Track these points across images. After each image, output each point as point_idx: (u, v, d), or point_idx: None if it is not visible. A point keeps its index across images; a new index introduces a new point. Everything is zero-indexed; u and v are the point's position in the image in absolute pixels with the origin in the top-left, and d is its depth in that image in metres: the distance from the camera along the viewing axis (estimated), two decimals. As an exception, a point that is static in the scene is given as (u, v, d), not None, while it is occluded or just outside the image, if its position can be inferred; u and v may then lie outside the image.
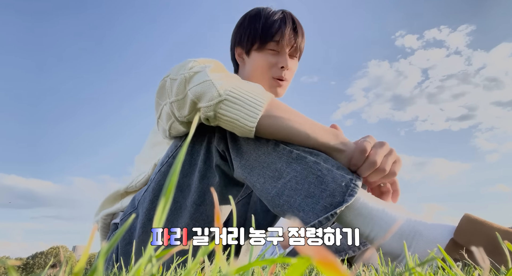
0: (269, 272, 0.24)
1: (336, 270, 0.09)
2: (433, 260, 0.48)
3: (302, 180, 0.61)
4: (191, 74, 0.65)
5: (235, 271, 0.14)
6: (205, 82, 0.63)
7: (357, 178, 0.60)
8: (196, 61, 0.68)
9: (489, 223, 0.56)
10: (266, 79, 0.97)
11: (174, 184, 0.14)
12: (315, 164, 0.61)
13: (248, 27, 0.97)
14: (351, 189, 0.58)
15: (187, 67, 0.67)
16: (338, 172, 0.60)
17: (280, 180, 0.63)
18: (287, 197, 0.62)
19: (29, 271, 21.06)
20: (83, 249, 0.18)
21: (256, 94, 0.63)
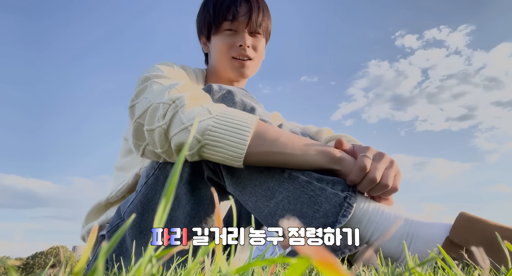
0: (269, 272, 0.24)
1: (335, 270, 0.09)
2: (433, 260, 0.48)
3: (295, 200, 0.60)
4: (167, 123, 0.62)
5: (235, 271, 0.14)
6: (182, 130, 0.61)
7: (352, 196, 0.58)
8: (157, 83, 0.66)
9: (484, 220, 0.56)
10: (227, 60, 0.95)
11: (174, 186, 0.14)
12: (307, 183, 0.60)
13: (203, 13, 0.95)
14: (345, 209, 0.57)
15: (159, 112, 0.63)
16: (332, 191, 0.59)
17: (272, 200, 0.62)
18: (280, 216, 0.61)
19: (29, 271, 21.06)
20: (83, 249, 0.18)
21: (238, 128, 0.60)
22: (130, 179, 0.88)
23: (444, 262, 0.49)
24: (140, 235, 0.74)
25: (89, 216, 0.94)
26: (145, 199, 0.75)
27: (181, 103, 0.62)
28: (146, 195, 0.75)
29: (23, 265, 23.87)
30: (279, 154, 0.60)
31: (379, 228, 0.58)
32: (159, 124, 0.62)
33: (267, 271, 0.25)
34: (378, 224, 0.58)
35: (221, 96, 0.70)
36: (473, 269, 0.41)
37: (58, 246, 24.37)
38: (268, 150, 0.60)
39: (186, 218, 0.73)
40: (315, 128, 1.01)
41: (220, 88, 0.72)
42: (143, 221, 0.75)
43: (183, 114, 0.60)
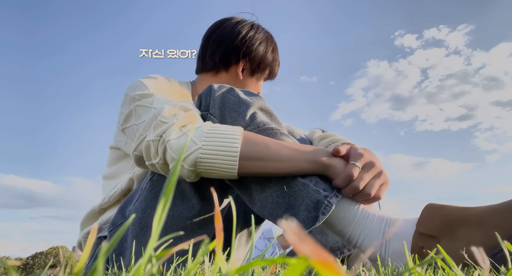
0: (269, 272, 0.24)
1: (334, 270, 0.09)
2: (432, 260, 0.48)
3: (283, 193, 0.65)
4: (162, 159, 0.66)
5: (235, 271, 0.14)
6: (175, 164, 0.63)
7: (334, 196, 0.62)
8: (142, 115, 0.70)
9: (447, 206, 0.59)
10: None
11: (174, 184, 0.15)
12: (292, 179, 0.64)
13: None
14: (324, 207, 0.61)
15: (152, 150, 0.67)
16: (314, 187, 0.63)
17: (262, 194, 0.67)
18: (270, 209, 0.66)
19: (29, 271, 21.05)
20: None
21: (226, 147, 0.63)
22: (124, 184, 0.90)
23: (444, 262, 0.49)
24: (141, 232, 0.75)
25: (84, 222, 0.96)
26: (149, 195, 0.76)
27: (167, 137, 0.65)
28: (150, 191, 0.76)
29: (23, 265, 23.86)
30: (270, 163, 0.63)
31: (365, 230, 0.62)
32: (156, 161, 0.67)
33: (267, 271, 0.25)
34: (365, 226, 0.62)
35: (222, 94, 0.72)
36: (473, 269, 0.41)
37: (58, 246, 24.37)
38: (259, 161, 0.64)
39: (191, 212, 0.74)
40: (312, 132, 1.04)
41: (220, 87, 0.74)
42: (145, 218, 0.75)
43: (171, 150, 0.64)
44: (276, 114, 0.75)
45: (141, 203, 0.77)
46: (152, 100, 0.78)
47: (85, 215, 0.96)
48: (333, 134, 0.93)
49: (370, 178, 0.63)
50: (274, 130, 0.69)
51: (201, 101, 0.74)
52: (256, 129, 0.69)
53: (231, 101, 0.71)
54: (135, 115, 0.80)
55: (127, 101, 0.84)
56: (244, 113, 0.70)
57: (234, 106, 0.71)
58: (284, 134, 0.70)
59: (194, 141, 0.63)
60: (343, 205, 0.64)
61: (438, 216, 0.58)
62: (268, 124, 0.70)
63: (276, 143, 0.65)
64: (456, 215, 0.57)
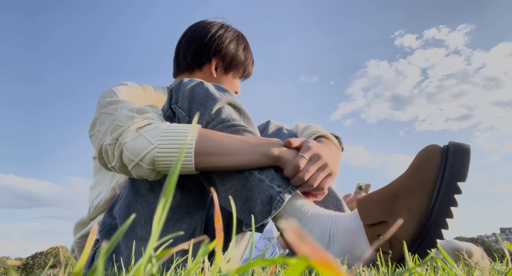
0: (269, 272, 0.24)
1: (334, 270, 0.09)
2: (433, 260, 0.48)
3: (241, 187, 0.68)
4: (119, 161, 0.69)
5: (235, 271, 0.14)
6: (135, 166, 0.67)
7: (287, 192, 0.66)
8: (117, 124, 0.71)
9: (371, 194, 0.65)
10: None
11: (174, 183, 0.15)
12: (250, 174, 0.68)
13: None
14: (277, 202, 0.65)
15: (109, 153, 0.70)
16: (268, 183, 0.67)
17: (223, 187, 0.70)
18: (228, 201, 0.70)
19: (29, 271, 21.04)
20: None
21: (181, 144, 0.66)
22: (107, 193, 0.93)
23: (444, 262, 0.49)
24: (129, 228, 0.77)
25: (76, 229, 0.99)
26: (131, 192, 0.78)
27: (123, 139, 0.68)
28: (131, 188, 0.78)
29: (23, 265, 23.86)
30: (223, 157, 0.67)
31: (314, 228, 0.66)
32: (114, 164, 0.70)
33: (267, 271, 0.25)
34: (314, 225, 0.66)
35: (191, 87, 0.74)
36: (473, 269, 0.41)
37: (58, 246, 24.36)
38: (213, 156, 0.67)
39: (172, 203, 0.76)
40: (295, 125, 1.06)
41: (190, 81, 0.76)
42: (130, 214, 0.76)
43: (128, 152, 0.67)
44: (245, 109, 0.77)
45: (124, 201, 0.79)
46: (116, 107, 0.82)
47: (75, 224, 0.99)
48: (314, 126, 0.94)
49: (315, 169, 0.68)
50: (237, 127, 0.71)
51: (172, 95, 0.76)
52: (219, 126, 0.71)
53: (200, 94, 0.73)
54: (99, 122, 0.83)
55: (97, 109, 0.88)
56: (210, 108, 0.72)
57: (202, 100, 0.73)
58: (248, 130, 0.72)
59: (150, 141, 0.66)
60: (296, 202, 0.68)
61: (374, 204, 0.63)
62: (233, 121, 0.72)
63: (231, 138, 0.68)
64: (384, 196, 0.63)
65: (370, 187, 1.32)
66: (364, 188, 1.31)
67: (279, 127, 0.92)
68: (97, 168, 1.03)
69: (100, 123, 0.83)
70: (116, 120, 0.70)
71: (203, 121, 0.72)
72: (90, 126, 0.87)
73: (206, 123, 0.72)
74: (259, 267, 0.32)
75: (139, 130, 0.68)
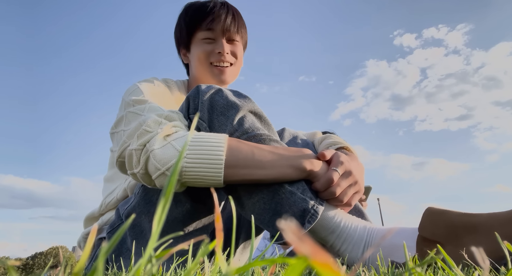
0: (269, 272, 0.24)
1: (334, 270, 0.09)
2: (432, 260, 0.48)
3: (269, 200, 0.66)
4: (144, 168, 0.66)
5: (235, 271, 0.14)
6: (160, 176, 0.64)
7: (319, 204, 0.64)
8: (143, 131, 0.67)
9: (448, 211, 0.60)
10: (207, 67, 0.98)
11: (173, 185, 0.15)
12: (280, 186, 0.65)
13: (181, 25, 1.00)
14: (311, 216, 0.63)
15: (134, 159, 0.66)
16: (301, 196, 0.64)
17: (250, 199, 0.67)
18: (258, 214, 0.67)
19: (29, 272, 21.05)
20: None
21: (210, 156, 0.62)
22: (119, 193, 0.91)
23: (444, 262, 0.49)
24: (141, 235, 0.76)
25: (85, 223, 0.98)
26: (142, 201, 0.76)
27: (151, 146, 0.65)
28: (144, 197, 0.76)
29: (23, 266, 23.86)
30: (254, 170, 0.64)
31: (348, 239, 0.64)
32: (137, 171, 0.66)
33: (267, 271, 0.25)
34: (348, 235, 0.64)
35: (210, 96, 0.71)
36: (473, 269, 0.41)
37: (58, 246, 24.36)
38: (243, 168, 0.64)
39: (186, 216, 0.74)
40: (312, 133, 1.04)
41: (208, 88, 0.73)
42: (141, 222, 0.76)
43: (155, 160, 0.64)
44: (266, 116, 0.75)
45: (134, 208, 0.77)
46: (144, 108, 0.78)
47: (86, 217, 0.97)
48: (334, 137, 0.93)
49: (346, 185, 0.67)
50: (263, 137, 0.69)
51: (189, 103, 0.73)
52: (244, 136, 0.68)
53: (220, 104, 0.70)
54: (125, 121, 0.80)
55: (122, 106, 0.85)
56: (232, 117, 0.69)
57: (223, 110, 0.70)
58: (273, 140, 0.70)
59: (178, 150, 0.63)
60: (327, 213, 0.66)
61: (441, 221, 0.58)
62: (257, 130, 0.69)
63: (261, 149, 0.65)
64: (460, 221, 0.57)
65: (370, 190, 1.30)
66: (364, 191, 1.29)
67: (294, 136, 0.91)
68: (114, 160, 1.02)
69: (127, 122, 0.79)
70: (144, 125, 0.67)
71: (226, 132, 0.69)
72: (115, 124, 0.83)
73: (230, 134, 0.68)
74: (259, 267, 0.32)
75: (167, 138, 0.65)
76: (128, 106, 0.82)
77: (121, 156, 0.71)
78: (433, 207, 0.61)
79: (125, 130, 0.79)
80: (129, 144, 0.69)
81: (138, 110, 0.78)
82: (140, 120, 0.70)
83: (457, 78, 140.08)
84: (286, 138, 0.90)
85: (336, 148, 0.85)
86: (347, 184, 0.67)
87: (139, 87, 0.87)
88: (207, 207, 0.76)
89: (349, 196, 0.67)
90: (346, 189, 0.67)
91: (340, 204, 0.67)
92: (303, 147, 0.89)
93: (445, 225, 0.58)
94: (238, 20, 0.99)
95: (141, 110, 0.77)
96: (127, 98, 0.84)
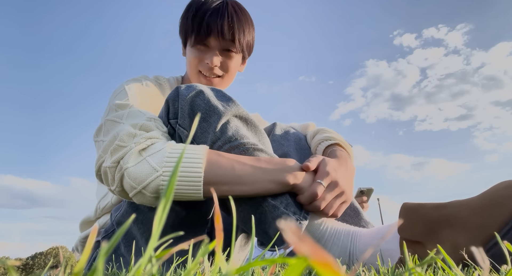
0: (269, 273, 0.24)
1: (334, 270, 0.09)
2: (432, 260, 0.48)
3: (253, 211, 0.65)
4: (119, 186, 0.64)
5: (235, 271, 0.14)
6: (136, 194, 0.62)
7: (303, 218, 0.64)
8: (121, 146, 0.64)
9: (422, 205, 0.57)
10: (195, 74, 0.93)
11: (173, 187, 0.15)
12: (263, 199, 0.64)
13: (183, 20, 0.93)
14: None
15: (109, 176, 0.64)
16: (283, 211, 0.63)
17: (236, 207, 0.67)
18: (243, 222, 0.68)
19: (29, 272, 21.05)
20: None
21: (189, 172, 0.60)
22: (114, 198, 0.89)
23: (444, 262, 0.49)
24: (133, 242, 0.75)
25: (81, 227, 0.97)
26: (130, 209, 0.74)
27: (125, 164, 0.62)
28: (131, 205, 0.74)
29: (23, 266, 23.84)
30: (235, 187, 0.62)
31: (334, 247, 0.65)
32: (114, 188, 0.65)
33: (267, 271, 0.25)
34: (333, 244, 0.65)
35: (190, 98, 0.67)
36: (473, 269, 0.41)
37: (58, 246, 24.34)
38: (223, 185, 0.62)
39: (175, 221, 0.72)
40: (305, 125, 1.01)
41: (188, 90, 0.68)
42: (132, 229, 0.75)
43: (130, 178, 0.61)
44: (253, 119, 0.71)
45: (123, 216, 0.75)
46: (123, 114, 0.74)
47: (81, 221, 0.96)
48: (328, 131, 0.90)
49: (332, 197, 0.65)
50: (246, 146, 0.65)
51: (169, 107, 0.70)
52: (227, 145, 0.65)
53: (201, 108, 0.66)
54: (104, 130, 0.75)
55: (106, 110, 0.81)
56: (214, 124, 0.65)
57: (204, 115, 0.66)
58: (258, 149, 0.66)
59: (154, 167, 0.60)
60: (314, 222, 0.65)
61: (418, 219, 0.57)
62: (241, 139, 0.66)
63: (242, 164, 0.62)
64: (435, 216, 0.55)
65: (372, 192, 1.29)
66: (366, 192, 1.28)
67: (285, 131, 0.89)
68: None
69: (105, 132, 0.75)
70: (117, 139, 0.64)
71: (208, 140, 0.65)
72: (96, 132, 0.79)
73: (211, 143, 0.65)
74: (259, 267, 0.32)
75: (142, 153, 0.62)
76: (111, 111, 0.78)
77: (98, 171, 0.69)
78: (408, 203, 0.59)
79: (103, 141, 0.74)
80: (104, 159, 0.66)
81: (117, 117, 0.74)
82: (114, 132, 0.67)
83: (457, 78, 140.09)
84: (277, 132, 0.88)
85: (328, 145, 0.84)
86: (333, 196, 0.65)
87: (125, 89, 0.82)
88: (201, 211, 0.75)
89: (335, 208, 0.66)
90: (331, 201, 0.65)
91: (326, 216, 0.67)
92: (294, 142, 0.87)
93: (422, 221, 0.56)
94: (242, 28, 0.90)
95: (120, 118, 0.73)
96: (112, 101, 0.80)
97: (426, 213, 0.56)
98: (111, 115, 0.76)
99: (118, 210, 0.79)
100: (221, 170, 0.61)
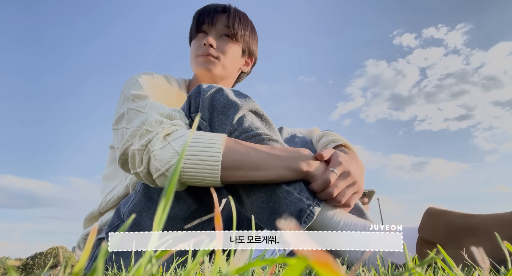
0: (269, 273, 0.24)
1: (333, 270, 0.09)
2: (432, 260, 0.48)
3: (267, 199, 0.66)
4: (146, 168, 0.67)
5: (235, 271, 0.14)
6: (160, 176, 0.66)
7: (316, 205, 0.64)
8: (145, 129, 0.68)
9: (449, 212, 0.59)
10: (194, 59, 0.99)
11: (174, 185, 0.15)
12: (277, 186, 0.65)
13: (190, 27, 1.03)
14: (307, 216, 0.63)
15: (137, 159, 0.67)
16: (297, 196, 0.64)
17: (249, 198, 0.68)
18: (256, 213, 0.68)
19: (29, 272, 21.06)
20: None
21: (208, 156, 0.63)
22: (120, 191, 0.90)
23: (444, 262, 0.49)
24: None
25: (85, 223, 0.97)
26: (143, 198, 0.76)
27: (152, 147, 0.66)
28: (144, 194, 0.76)
29: (23, 266, 23.86)
30: (250, 172, 0.64)
31: (348, 238, 0.63)
32: (140, 170, 0.68)
33: (267, 271, 0.25)
34: (347, 234, 0.63)
35: (211, 95, 0.72)
36: (473, 269, 0.41)
37: (58, 246, 24.37)
38: (239, 170, 0.64)
39: (187, 213, 0.74)
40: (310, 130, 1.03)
41: (209, 87, 0.74)
42: (142, 220, 0.75)
43: (155, 160, 0.65)
44: (267, 115, 0.75)
45: (135, 206, 0.77)
46: (145, 105, 0.78)
47: (85, 217, 0.96)
48: (332, 134, 0.92)
49: (344, 186, 0.66)
50: (261, 136, 0.69)
51: (190, 102, 0.74)
52: (243, 135, 0.69)
53: (220, 103, 0.71)
54: (126, 118, 0.80)
55: (121, 100, 0.85)
56: (232, 116, 0.70)
57: (223, 109, 0.71)
58: (272, 139, 0.70)
59: (177, 150, 0.64)
60: (326, 213, 0.65)
61: (441, 222, 0.58)
62: (256, 130, 0.70)
63: (257, 151, 0.65)
64: (460, 223, 0.56)
65: (373, 194, 1.28)
66: (368, 194, 1.27)
67: (292, 134, 0.91)
68: (114, 157, 0.99)
69: (128, 120, 0.79)
70: (146, 124, 0.68)
71: (226, 131, 0.70)
72: (116, 120, 0.83)
73: (229, 133, 0.69)
74: (259, 267, 0.32)
75: (167, 138, 0.67)
76: (128, 101, 0.82)
77: (124, 154, 0.72)
78: (434, 208, 0.61)
79: (127, 128, 0.79)
80: (132, 143, 0.70)
81: (140, 107, 0.79)
82: (142, 119, 0.71)
83: (457, 78, 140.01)
84: (284, 137, 0.89)
85: (335, 145, 0.84)
86: (345, 185, 0.66)
87: (138, 81, 0.86)
88: (208, 204, 0.77)
89: (347, 196, 0.67)
90: (344, 189, 0.66)
91: (338, 205, 0.67)
92: (301, 146, 0.88)
93: (445, 226, 0.57)
94: (239, 21, 0.99)
95: (142, 107, 0.78)
96: (127, 92, 0.84)
97: (451, 219, 0.57)
98: (132, 105, 0.80)
99: (128, 202, 0.80)
100: (237, 156, 0.64)
